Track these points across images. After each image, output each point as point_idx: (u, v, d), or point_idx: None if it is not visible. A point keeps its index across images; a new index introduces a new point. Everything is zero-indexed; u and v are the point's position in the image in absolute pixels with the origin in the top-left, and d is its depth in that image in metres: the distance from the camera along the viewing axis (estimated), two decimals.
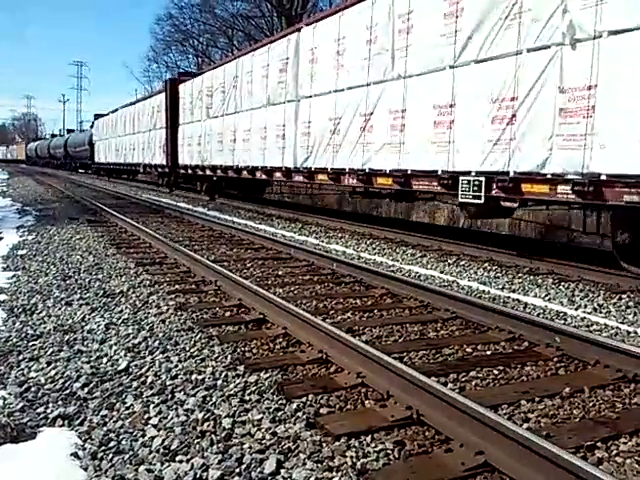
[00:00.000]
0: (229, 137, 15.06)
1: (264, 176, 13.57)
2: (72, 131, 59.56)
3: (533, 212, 11.20)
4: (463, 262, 7.65)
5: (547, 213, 10.76)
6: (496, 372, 3.61)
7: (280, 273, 6.72)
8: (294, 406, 3.04)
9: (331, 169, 10.53)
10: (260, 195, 18.19)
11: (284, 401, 3.11)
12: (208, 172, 17.03)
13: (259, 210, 14.83)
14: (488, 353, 4.01)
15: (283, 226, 11.65)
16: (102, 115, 36.59)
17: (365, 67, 9.34)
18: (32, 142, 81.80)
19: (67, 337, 4.22)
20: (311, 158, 11.14)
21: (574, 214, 9.38)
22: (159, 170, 22.34)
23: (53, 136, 71.79)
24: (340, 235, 10.33)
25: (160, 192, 22.04)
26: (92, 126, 41.79)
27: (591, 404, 3.17)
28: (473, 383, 3.44)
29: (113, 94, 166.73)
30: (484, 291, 6.01)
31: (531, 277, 6.73)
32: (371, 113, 9.25)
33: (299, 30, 11.81)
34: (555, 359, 3.85)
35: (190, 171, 18.72)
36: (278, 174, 12.82)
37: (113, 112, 32.34)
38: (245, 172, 14.33)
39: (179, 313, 4.82)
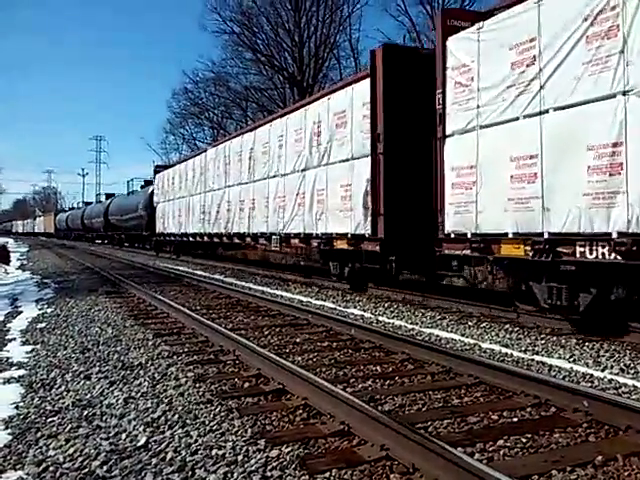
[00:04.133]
0: None
1: None
2: (112, 195, 46.69)
3: None
4: (484, 324, 7.54)
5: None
6: (524, 440, 3.49)
7: (298, 340, 6.66)
8: None
9: None
10: None
11: (307, 477, 3.02)
12: None
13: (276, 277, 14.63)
14: (515, 420, 3.89)
15: (300, 291, 11.64)
16: (166, 166, 27.22)
17: None
18: (62, 212, 71.10)
19: (86, 412, 4.17)
20: None
21: None
22: (335, 246, 10.91)
23: (87, 204, 60.35)
24: (357, 299, 10.27)
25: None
26: (143, 186, 33.25)
27: (626, 473, 3.04)
28: (501, 452, 3.33)
29: (130, 166, 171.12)
30: (507, 354, 5.90)
31: (554, 338, 6.61)
32: None
33: None
34: (584, 425, 3.73)
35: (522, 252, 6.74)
36: None
37: (194, 156, 21.75)
38: None
39: (198, 385, 4.77)
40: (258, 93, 36.48)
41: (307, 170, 12.02)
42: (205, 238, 19.26)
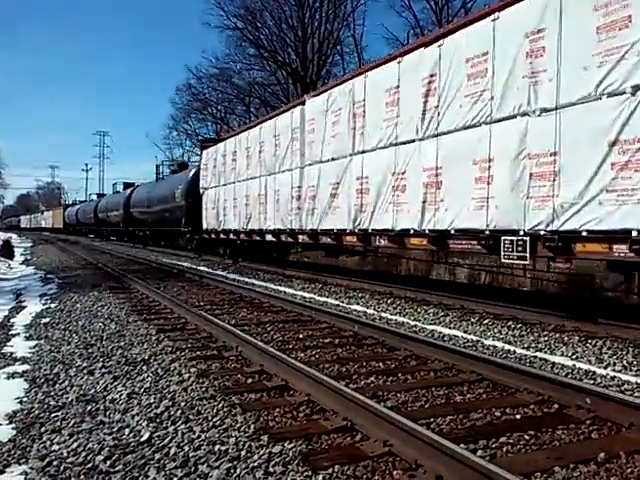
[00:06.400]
0: None
1: None
2: (131, 185, 38.33)
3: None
4: (486, 321, 7.54)
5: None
6: (527, 437, 3.49)
7: (301, 336, 6.66)
8: (320, 478, 2.96)
9: None
10: None
11: (310, 472, 3.02)
12: None
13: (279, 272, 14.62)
14: (517, 417, 3.89)
15: (303, 287, 11.64)
16: (217, 140, 20.33)
17: None
18: (71, 206, 64.32)
19: (89, 407, 4.18)
20: None
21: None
22: None
23: (99, 195, 54.08)
24: (360, 295, 10.27)
25: None
26: (176, 171, 27.45)
27: (629, 470, 3.04)
28: (504, 449, 3.33)
29: (133, 162, 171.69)
30: (510, 351, 5.90)
31: (557, 335, 6.60)
32: None
33: None
34: (587, 422, 3.73)
35: None
36: None
37: (274, 116, 14.56)
38: None
39: (201, 381, 4.77)
40: (261, 89, 36.54)
41: None
42: (302, 237, 12.39)
